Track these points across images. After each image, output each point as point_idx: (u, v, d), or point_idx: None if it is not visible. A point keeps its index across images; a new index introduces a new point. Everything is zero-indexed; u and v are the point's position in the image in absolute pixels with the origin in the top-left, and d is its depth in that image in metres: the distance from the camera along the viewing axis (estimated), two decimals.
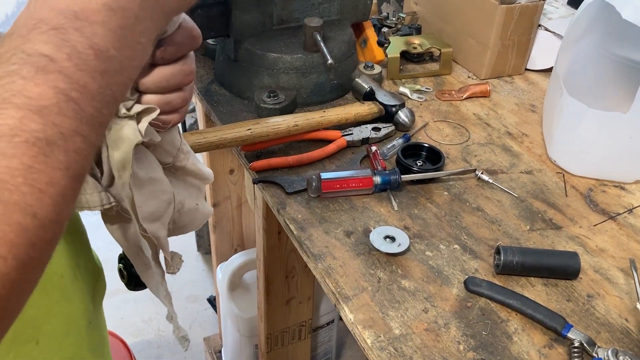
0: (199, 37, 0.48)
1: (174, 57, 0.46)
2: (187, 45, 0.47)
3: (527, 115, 1.06)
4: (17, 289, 0.30)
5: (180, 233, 0.59)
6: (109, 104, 0.35)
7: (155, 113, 0.46)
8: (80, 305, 0.57)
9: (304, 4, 1.03)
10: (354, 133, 0.94)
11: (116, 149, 0.46)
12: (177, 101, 0.48)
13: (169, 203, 0.54)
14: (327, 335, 1.53)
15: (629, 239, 0.80)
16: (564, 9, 1.24)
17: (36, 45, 0.32)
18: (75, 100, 0.32)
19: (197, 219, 0.59)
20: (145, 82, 0.46)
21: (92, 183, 0.49)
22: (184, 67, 0.47)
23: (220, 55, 1.07)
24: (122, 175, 0.47)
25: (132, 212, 0.51)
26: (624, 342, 0.65)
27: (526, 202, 0.85)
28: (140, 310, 2.03)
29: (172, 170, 0.55)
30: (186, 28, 0.46)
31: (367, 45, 1.15)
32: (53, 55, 0.32)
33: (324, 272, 0.72)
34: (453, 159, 0.93)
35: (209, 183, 0.60)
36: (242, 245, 1.58)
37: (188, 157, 0.55)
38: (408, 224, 0.80)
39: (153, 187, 0.51)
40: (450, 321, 0.67)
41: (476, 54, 1.16)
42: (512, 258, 0.71)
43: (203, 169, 0.58)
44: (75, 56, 0.33)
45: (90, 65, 0.34)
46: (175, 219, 0.56)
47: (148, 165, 0.51)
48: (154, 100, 0.47)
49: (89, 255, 0.63)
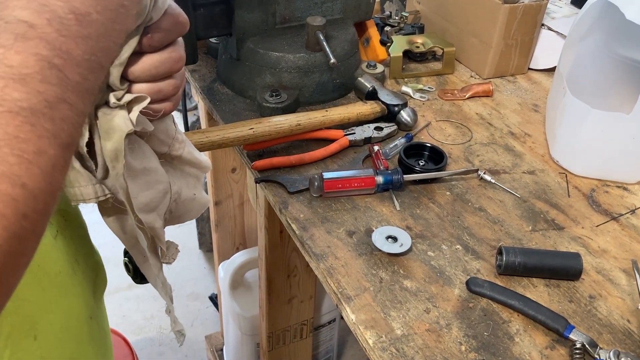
0: (186, 22, 0.47)
1: (161, 44, 0.46)
2: (174, 32, 0.46)
3: (530, 115, 1.06)
4: (11, 260, 0.29)
5: (176, 223, 0.59)
6: (94, 70, 0.34)
7: (146, 101, 0.46)
8: (79, 301, 0.57)
9: (307, 3, 1.03)
10: (356, 132, 0.94)
11: (108, 140, 0.46)
12: (168, 89, 0.48)
13: (165, 193, 0.53)
14: (328, 334, 1.53)
15: (632, 239, 0.79)
16: (568, 9, 1.24)
17: (14, 12, 0.31)
18: (59, 66, 0.31)
19: (194, 208, 0.59)
20: (134, 70, 0.45)
21: (86, 175, 0.48)
22: (172, 54, 0.47)
23: (223, 54, 1.07)
24: (115, 166, 0.47)
25: (127, 203, 0.50)
26: (625, 344, 0.65)
27: (528, 203, 0.85)
28: (142, 308, 2.03)
29: (168, 159, 0.55)
30: (172, 14, 0.46)
31: (369, 45, 1.15)
32: (33, 21, 0.31)
33: (325, 272, 0.72)
34: (455, 159, 0.93)
35: (207, 172, 0.59)
36: (243, 243, 1.58)
37: (184, 146, 0.55)
38: (410, 224, 0.80)
39: (148, 177, 0.51)
40: (452, 322, 0.67)
41: (479, 53, 1.15)
42: (514, 259, 0.71)
43: (200, 157, 0.57)
44: (56, 21, 0.32)
45: (72, 30, 0.33)
46: (171, 209, 0.56)
47: (142, 155, 0.50)
48: (144, 89, 0.46)
49: (89, 250, 0.63)
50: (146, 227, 0.54)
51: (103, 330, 0.64)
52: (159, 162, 0.53)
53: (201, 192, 0.59)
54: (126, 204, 0.51)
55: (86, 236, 0.63)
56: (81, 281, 0.57)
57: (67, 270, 0.55)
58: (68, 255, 0.55)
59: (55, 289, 0.53)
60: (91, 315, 0.59)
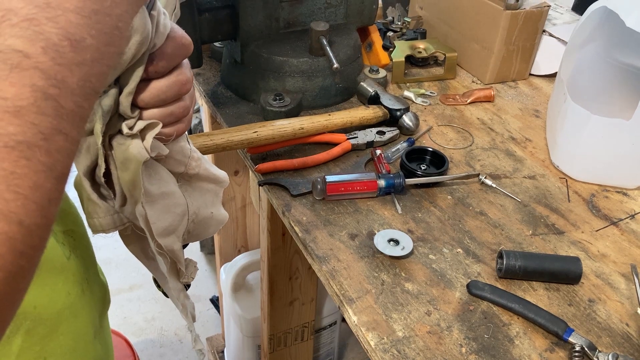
0: (190, 44, 0.47)
1: (167, 69, 0.46)
2: (178, 55, 0.46)
3: (531, 121, 1.07)
4: (7, 299, 0.28)
5: (193, 241, 0.59)
6: (88, 97, 0.33)
7: (159, 127, 0.46)
8: (87, 320, 0.57)
9: (311, 8, 1.04)
10: (358, 136, 0.95)
11: (124, 170, 0.46)
12: (178, 111, 0.48)
13: (183, 215, 0.54)
14: (329, 337, 1.53)
15: (631, 244, 0.80)
16: (569, 15, 1.25)
17: (7, 40, 0.30)
18: (54, 96, 0.30)
19: (211, 226, 0.59)
20: (144, 97, 0.45)
21: (104, 206, 0.49)
22: (179, 77, 0.47)
23: (227, 58, 1.08)
24: (133, 194, 0.47)
25: (147, 230, 0.51)
26: (624, 347, 0.66)
27: (529, 207, 0.86)
28: (143, 309, 2.04)
29: (186, 178, 0.55)
30: (175, 37, 0.46)
31: (372, 49, 1.16)
32: (27, 50, 0.30)
33: (328, 274, 0.73)
34: (457, 163, 0.94)
35: (225, 186, 0.59)
36: (245, 246, 1.58)
37: (200, 163, 0.55)
38: (412, 227, 0.81)
39: (166, 202, 0.51)
40: (453, 324, 0.67)
41: (481, 58, 1.16)
42: (514, 262, 0.72)
43: (217, 172, 0.58)
44: (51, 49, 0.31)
45: (68, 57, 0.31)
46: (189, 229, 0.56)
47: (159, 179, 0.51)
48: (155, 114, 0.47)
49: (96, 268, 0.63)
50: (165, 251, 0.54)
51: (106, 345, 0.64)
52: (176, 184, 0.53)
53: (219, 210, 0.59)
54: (145, 231, 0.51)
55: (93, 255, 0.63)
56: (89, 301, 0.58)
57: (76, 291, 0.55)
58: (79, 276, 0.55)
59: (67, 310, 0.53)
60: (95, 334, 0.59)
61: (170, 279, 0.58)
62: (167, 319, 2.02)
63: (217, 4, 0.99)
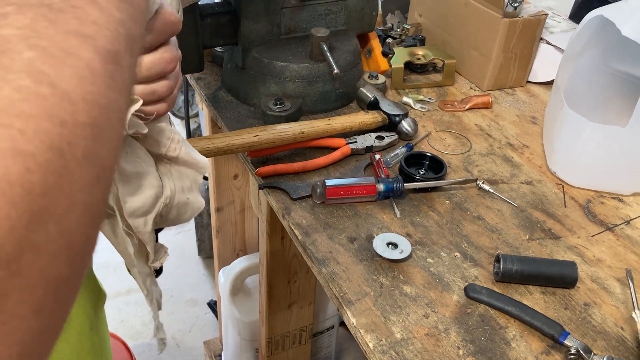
0: (177, 22, 0.46)
1: (153, 45, 0.45)
2: (166, 32, 0.46)
3: (528, 127, 1.08)
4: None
5: (167, 225, 0.57)
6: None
7: (139, 104, 0.45)
8: (80, 313, 0.57)
9: (312, 15, 1.05)
10: (358, 141, 0.96)
11: None
12: (162, 90, 0.47)
13: (157, 197, 0.52)
14: (327, 341, 1.54)
15: (626, 249, 0.81)
16: (566, 24, 1.26)
17: None
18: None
19: (186, 212, 0.57)
20: None
21: None
22: (164, 54, 0.46)
23: (228, 62, 1.09)
24: None
25: (117, 208, 0.49)
26: (619, 350, 0.67)
27: (526, 212, 0.87)
28: (141, 312, 2.04)
29: (165, 160, 0.54)
30: (164, 14, 0.45)
31: (371, 56, 1.17)
32: None
33: (327, 277, 0.74)
34: (455, 169, 0.95)
35: (205, 172, 0.58)
36: (244, 250, 1.59)
37: (180, 146, 0.53)
38: (410, 231, 0.82)
39: (140, 182, 0.50)
40: (451, 327, 0.68)
41: (479, 65, 1.18)
42: (511, 266, 0.73)
43: (198, 157, 0.56)
44: None
45: None
46: (162, 213, 0.54)
47: (135, 158, 0.49)
48: (137, 91, 0.46)
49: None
50: (134, 232, 0.52)
51: (103, 340, 0.64)
52: (154, 165, 0.52)
53: (196, 196, 0.58)
54: (115, 209, 0.49)
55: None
56: (82, 292, 0.57)
57: None
58: None
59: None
60: (92, 327, 0.59)
61: (137, 262, 0.56)
62: (164, 323, 2.02)
63: (219, 9, 1.01)
